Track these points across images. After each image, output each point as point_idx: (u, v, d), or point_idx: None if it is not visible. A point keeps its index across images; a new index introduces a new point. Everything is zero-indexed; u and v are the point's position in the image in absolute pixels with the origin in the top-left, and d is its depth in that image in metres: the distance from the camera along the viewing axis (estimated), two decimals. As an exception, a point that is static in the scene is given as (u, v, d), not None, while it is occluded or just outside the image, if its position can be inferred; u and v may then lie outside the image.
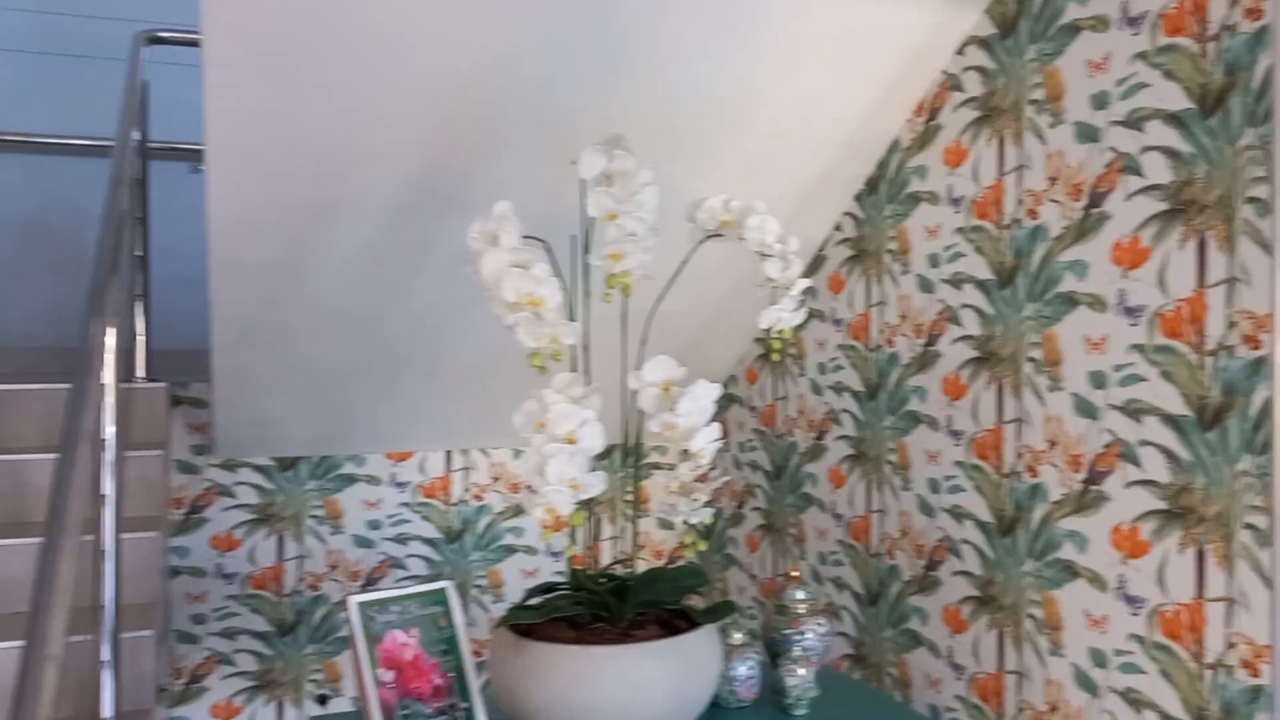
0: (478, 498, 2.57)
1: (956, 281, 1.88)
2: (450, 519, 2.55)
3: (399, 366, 2.24)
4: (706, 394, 1.40)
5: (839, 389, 2.23)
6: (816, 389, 2.31)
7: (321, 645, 2.49)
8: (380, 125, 1.71)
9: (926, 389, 1.96)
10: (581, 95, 1.76)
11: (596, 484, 1.30)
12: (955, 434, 1.88)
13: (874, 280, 2.12)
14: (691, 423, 1.37)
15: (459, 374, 2.30)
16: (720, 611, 1.49)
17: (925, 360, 1.96)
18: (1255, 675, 1.33)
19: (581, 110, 1.79)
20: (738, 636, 1.60)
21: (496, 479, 2.58)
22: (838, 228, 2.24)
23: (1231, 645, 1.36)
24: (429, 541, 2.55)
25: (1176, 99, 1.45)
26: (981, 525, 1.81)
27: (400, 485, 2.52)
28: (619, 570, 1.51)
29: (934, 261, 1.94)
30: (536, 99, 1.76)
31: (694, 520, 1.42)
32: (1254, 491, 1.34)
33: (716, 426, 1.39)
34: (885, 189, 2.09)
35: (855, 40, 1.84)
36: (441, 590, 1.53)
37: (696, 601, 1.56)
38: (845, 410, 2.21)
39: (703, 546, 1.49)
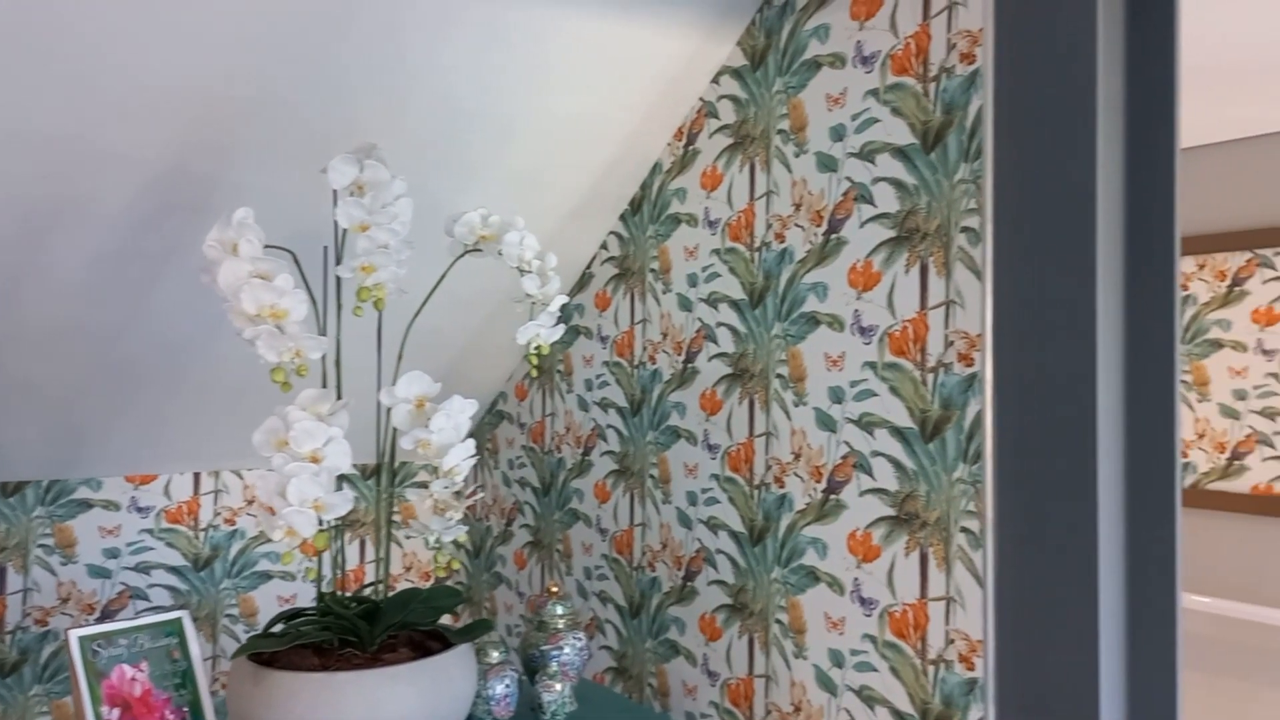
0: (230, 522, 2.44)
1: (713, 301, 1.95)
2: (198, 545, 2.40)
3: (140, 383, 2.10)
4: (462, 410, 1.38)
5: (605, 405, 2.26)
6: (584, 405, 2.33)
7: (49, 686, 2.28)
8: (115, 125, 1.60)
9: (686, 405, 2.01)
10: (339, 103, 1.72)
11: (342, 504, 1.26)
12: (712, 448, 1.94)
13: (638, 298, 2.16)
14: (445, 439, 1.35)
15: (208, 391, 2.17)
16: (475, 630, 1.48)
17: (685, 377, 2.02)
18: (971, 669, 1.44)
19: (339, 118, 1.74)
20: (495, 655, 1.59)
21: (250, 502, 2.46)
22: (604, 246, 2.28)
23: (951, 641, 1.47)
24: (175, 570, 2.39)
25: (903, 134, 1.56)
26: (735, 535, 1.88)
27: (142, 510, 2.35)
28: (370, 593, 1.47)
29: (693, 281, 2.00)
30: (291, 104, 1.69)
31: (448, 539, 1.40)
32: (968, 498, 1.45)
33: (471, 443, 1.38)
34: (648, 210, 2.14)
35: (617, 65, 1.88)
36: (176, 620, 1.44)
37: (460, 622, 1.53)
38: (611, 426, 2.24)
39: (456, 565, 1.47)
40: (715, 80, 1.95)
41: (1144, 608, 1.37)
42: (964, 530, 1.46)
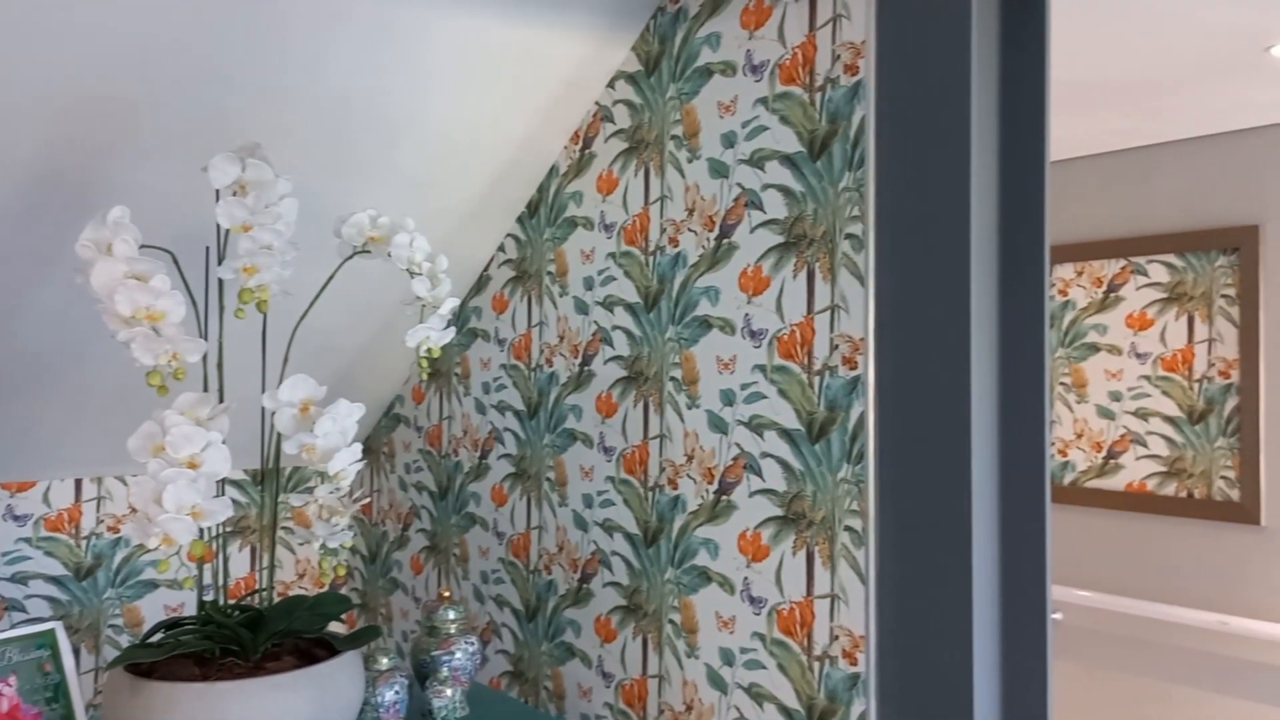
0: (113, 530, 2.36)
1: (609, 304, 1.96)
2: (80, 554, 2.32)
3: (15, 387, 2.02)
4: (348, 414, 1.37)
5: (502, 408, 2.25)
6: (481, 408, 2.32)
7: (-84, 704, 2.18)
8: (-17, 118, 1.54)
9: (582, 407, 2.02)
10: (223, 101, 1.68)
11: (220, 511, 1.24)
12: (607, 450, 1.95)
13: (535, 301, 2.16)
14: (331, 444, 1.34)
15: (87, 395, 2.10)
16: (363, 637, 1.46)
17: (581, 380, 2.02)
18: (854, 664, 1.48)
19: (229, 116, 1.70)
20: (385, 661, 1.57)
21: (135, 509, 2.38)
22: (501, 249, 2.27)
23: (835, 638, 1.51)
24: (54, 580, 2.31)
25: (790, 142, 1.60)
26: (629, 537, 1.89)
27: (19, 519, 2.26)
28: (255, 600, 1.44)
29: (589, 284, 2.01)
30: (172, 102, 1.65)
31: (334, 544, 1.38)
32: (852, 497, 1.49)
33: (358, 448, 1.37)
34: (545, 213, 2.14)
35: (514, 68, 1.88)
36: (48, 632, 1.39)
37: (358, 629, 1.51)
38: (508, 429, 2.24)
39: (343, 572, 1.45)
40: (611, 85, 1.96)
41: (1017, 601, 1.43)
42: (848, 529, 1.49)
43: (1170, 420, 2.61)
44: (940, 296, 1.39)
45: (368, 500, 2.58)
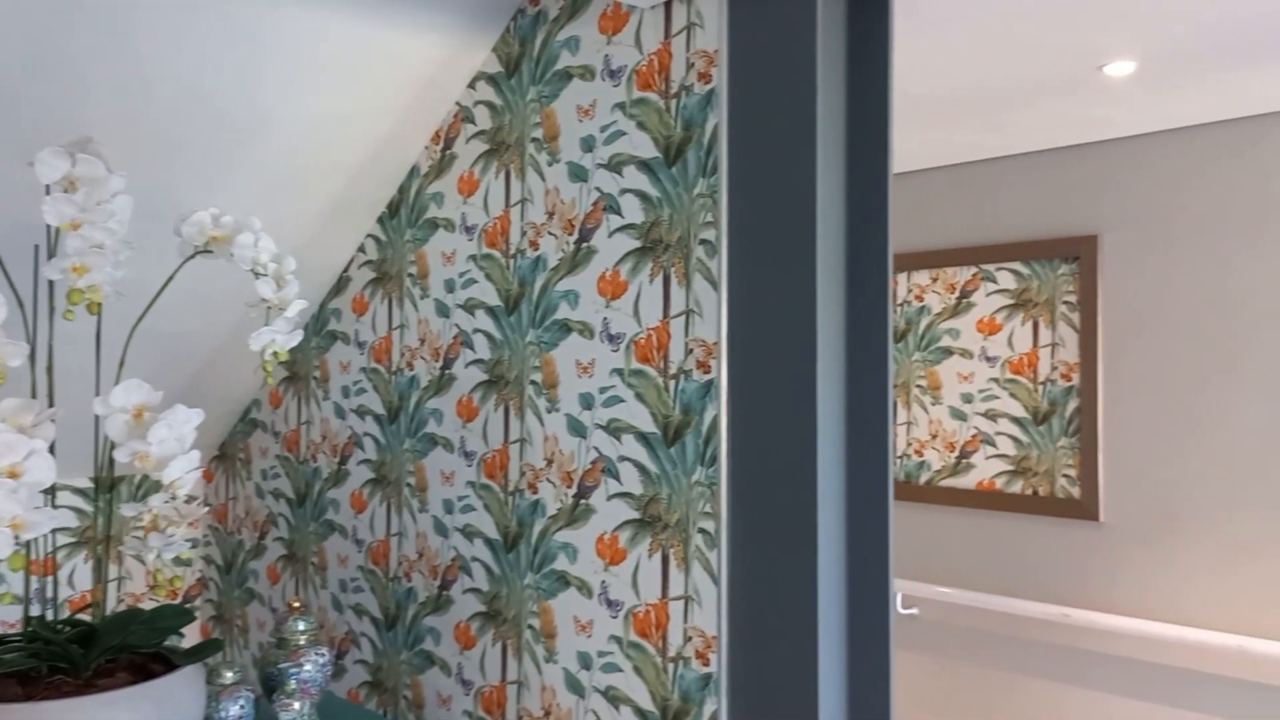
0: (-60, 543, 2.22)
1: (470, 307, 1.94)
2: (-98, 570, 2.18)
3: None
4: (186, 420, 1.32)
5: (362, 412, 2.20)
6: (340, 413, 2.27)
7: None
8: None
9: (443, 411, 2.00)
10: (67, 94, 1.60)
11: (45, 522, 1.18)
12: (468, 455, 1.93)
13: (396, 303, 2.13)
14: (166, 451, 1.29)
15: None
16: (203, 651, 1.41)
17: (442, 383, 2.00)
18: (706, 664, 1.49)
19: (66, 110, 1.62)
20: (229, 675, 1.52)
21: (-35, 520, 2.24)
22: (361, 249, 2.23)
23: (689, 639, 1.52)
24: (-127, 598, 2.16)
25: (647, 148, 1.61)
26: (489, 542, 1.88)
27: None
28: (88, 615, 1.38)
29: (450, 287, 1.99)
30: (10, 94, 1.56)
31: (169, 556, 1.33)
32: (705, 500, 1.51)
33: (196, 455, 1.32)
34: (406, 214, 2.11)
35: (371, 66, 1.85)
36: None
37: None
38: (368, 434, 2.19)
39: (180, 584, 1.39)
40: (472, 85, 1.95)
41: (862, 598, 1.47)
42: (701, 531, 1.51)
43: (1017, 421, 2.73)
44: (788, 302, 1.42)
45: (219, 507, 2.49)
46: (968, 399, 2.84)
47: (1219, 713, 2.34)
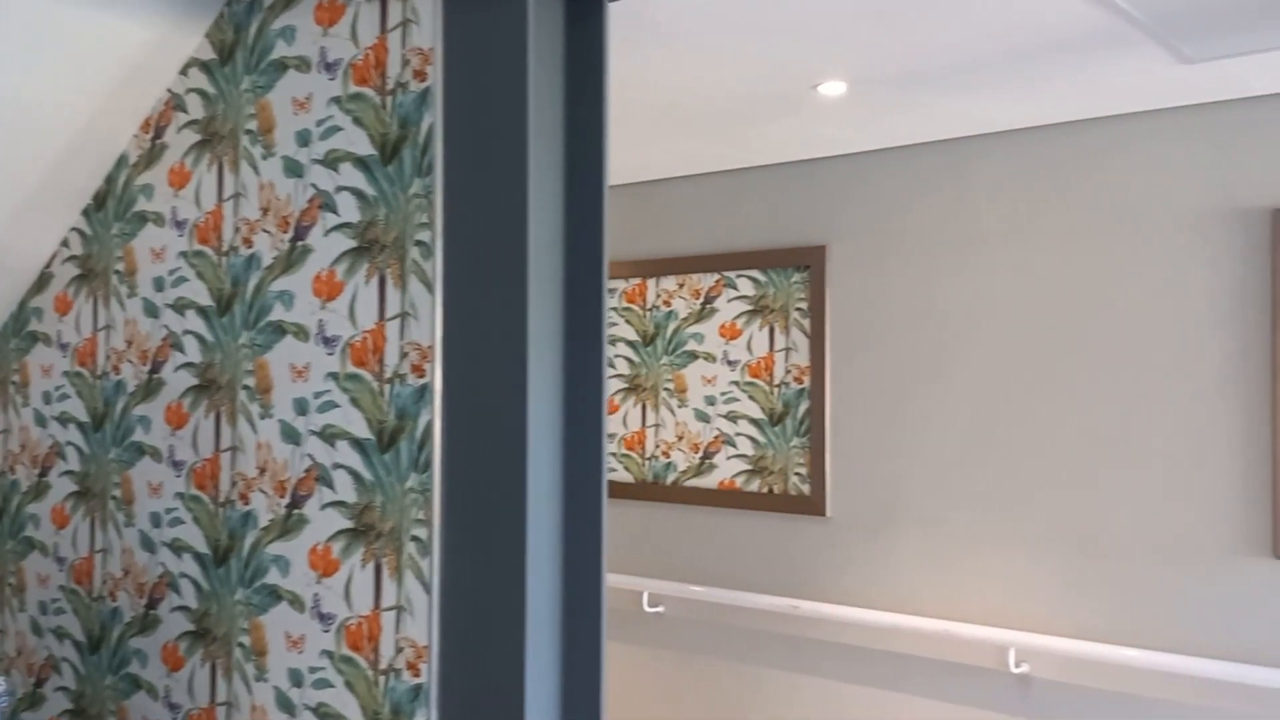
0: None
1: (180, 307, 1.82)
2: None
3: None
4: None
5: (64, 420, 2.03)
6: (41, 420, 2.08)
7: None
8: None
9: (151, 418, 1.87)
10: None
11: None
12: (177, 465, 1.82)
13: (102, 302, 1.97)
14: None
15: None
16: None
17: (150, 388, 1.87)
18: (417, 675, 1.46)
19: None
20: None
21: None
22: (65, 244, 2.05)
23: (400, 650, 1.49)
24: None
25: (364, 145, 1.56)
26: (199, 557, 1.77)
27: None
28: None
29: (159, 285, 1.86)
30: None
31: None
32: (419, 506, 1.48)
33: None
34: (113, 206, 1.96)
35: (71, 47, 1.71)
36: None
37: None
38: (71, 443, 2.02)
39: None
40: (184, 72, 1.83)
41: (575, 602, 1.47)
42: (414, 539, 1.48)
43: (755, 422, 2.84)
44: (501, 306, 1.41)
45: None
46: (711, 401, 2.93)
47: (928, 693, 2.52)
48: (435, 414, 1.46)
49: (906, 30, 1.83)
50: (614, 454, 3.12)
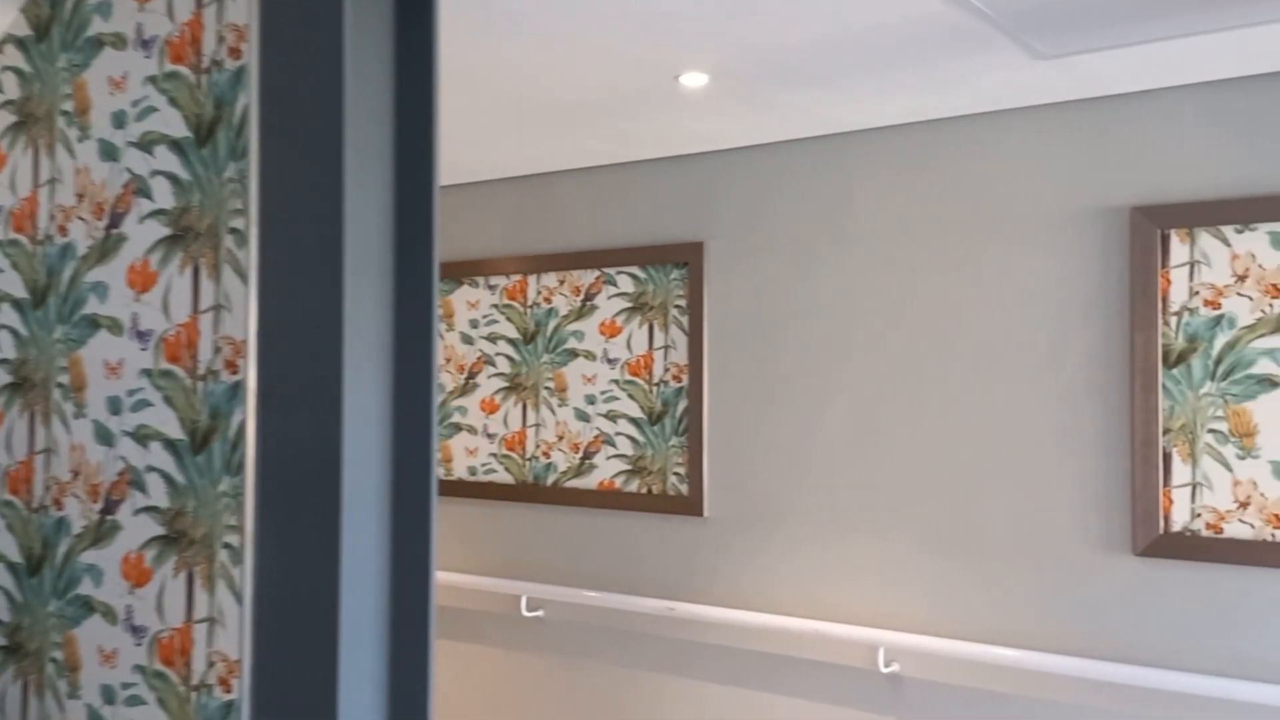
0: None
1: (-6, 300, 1.70)
2: None
3: None
4: None
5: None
6: None
7: None
8: None
9: (-36, 419, 1.74)
10: None
11: None
12: None
13: (-84, 295, 1.84)
14: None
15: None
16: None
17: (-36, 386, 1.74)
18: (229, 691, 1.38)
19: None
20: None
21: None
22: (-122, 232, 1.91)
23: (212, 664, 1.40)
24: None
25: (179, 126, 1.47)
26: (12, 567, 1.65)
27: None
28: None
29: (-26, 276, 1.74)
30: None
31: None
32: (231, 511, 1.39)
33: None
34: (-74, 191, 1.82)
35: None
36: None
37: None
38: (-117, 446, 1.88)
39: None
40: (0, 50, 1.71)
41: (401, 611, 1.40)
42: (227, 546, 1.39)
43: (634, 421, 2.79)
44: (317, 298, 1.33)
45: None
46: (591, 400, 2.88)
47: (801, 694, 2.49)
48: (249, 413, 1.38)
49: (765, 22, 1.80)
50: (494, 455, 3.05)
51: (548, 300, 2.97)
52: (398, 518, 1.42)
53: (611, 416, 2.84)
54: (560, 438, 2.93)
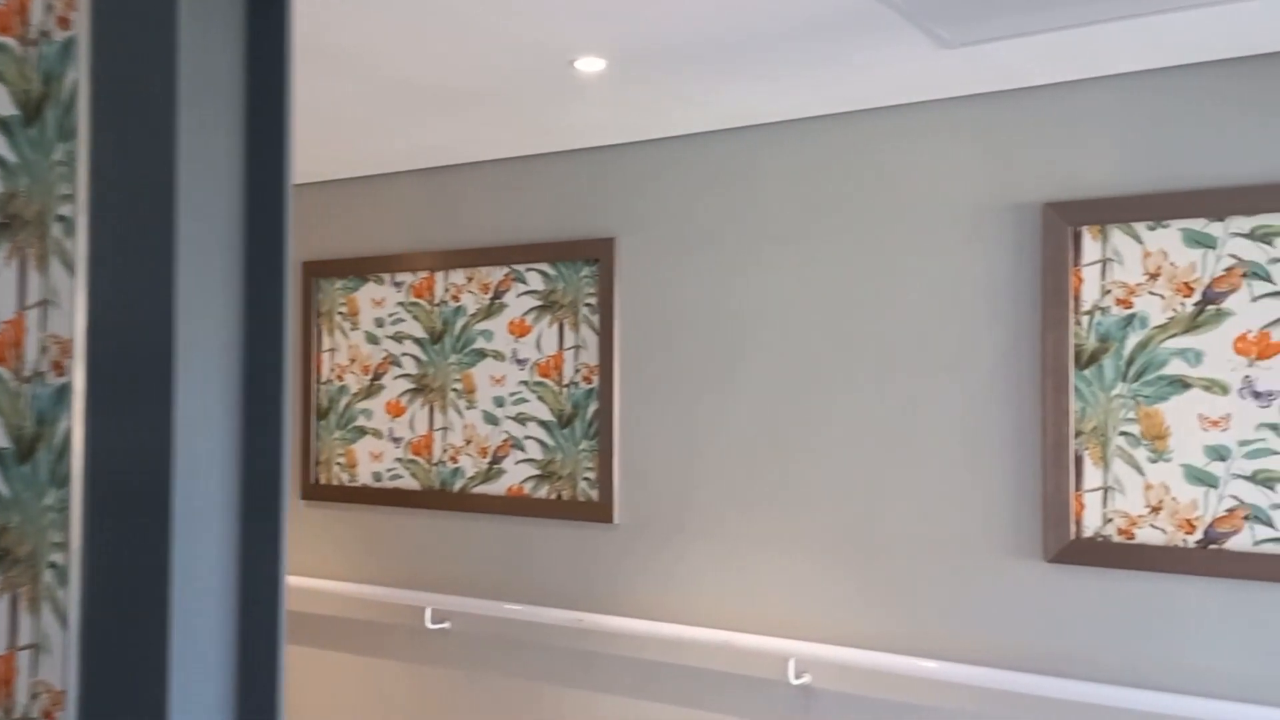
0: None
1: None
2: None
3: None
4: None
5: None
6: None
7: None
8: None
9: None
10: None
11: None
12: None
13: None
14: None
15: None
16: None
17: None
18: (53, 723, 1.25)
19: None
20: None
21: None
22: None
23: (35, 695, 1.27)
24: None
25: (5, 103, 1.34)
26: None
27: None
28: None
29: None
30: None
31: None
32: (57, 527, 1.26)
33: None
34: None
35: None
36: None
37: None
38: None
39: None
40: None
41: (249, 630, 1.29)
42: (51, 565, 1.26)
43: (544, 425, 2.69)
44: (150, 293, 1.21)
45: None
46: (499, 403, 2.77)
47: (711, 707, 2.41)
48: (75, 419, 1.25)
49: (662, 6, 1.71)
50: (400, 460, 2.93)
51: (456, 298, 2.85)
52: (246, 528, 1.30)
53: (521, 419, 2.74)
54: (468, 441, 2.82)
